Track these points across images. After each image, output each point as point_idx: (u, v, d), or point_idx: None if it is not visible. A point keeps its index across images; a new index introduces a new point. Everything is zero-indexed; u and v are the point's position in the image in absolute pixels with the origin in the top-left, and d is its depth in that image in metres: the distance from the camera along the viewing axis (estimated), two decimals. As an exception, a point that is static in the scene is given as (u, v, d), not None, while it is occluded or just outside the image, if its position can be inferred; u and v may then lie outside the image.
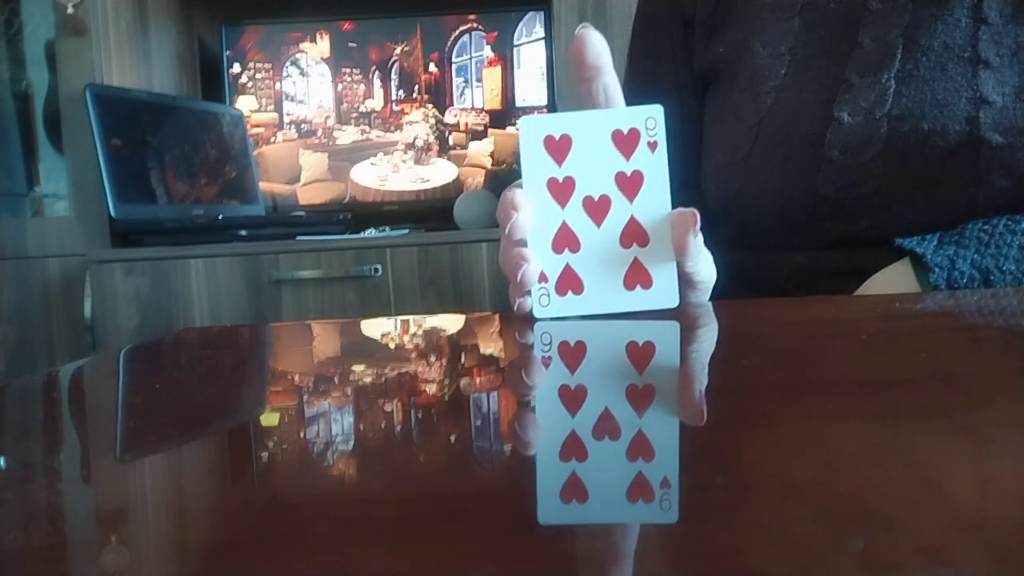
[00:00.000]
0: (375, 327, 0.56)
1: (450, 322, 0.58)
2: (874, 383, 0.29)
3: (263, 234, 1.54)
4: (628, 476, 0.20)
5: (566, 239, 0.45)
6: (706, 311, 0.47)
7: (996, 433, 0.23)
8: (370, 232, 1.57)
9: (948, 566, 0.15)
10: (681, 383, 0.32)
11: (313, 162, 1.82)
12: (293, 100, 1.83)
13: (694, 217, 0.43)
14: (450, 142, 1.82)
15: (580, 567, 0.16)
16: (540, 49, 1.79)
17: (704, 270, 0.47)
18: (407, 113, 1.82)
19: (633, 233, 0.44)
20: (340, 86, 1.82)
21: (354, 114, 1.82)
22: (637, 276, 0.44)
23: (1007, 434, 0.23)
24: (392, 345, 0.46)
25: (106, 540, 0.19)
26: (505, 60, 1.81)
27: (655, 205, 0.44)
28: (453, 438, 0.26)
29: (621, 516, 0.18)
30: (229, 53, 1.81)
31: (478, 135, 1.82)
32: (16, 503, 0.21)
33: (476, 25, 1.80)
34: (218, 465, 0.25)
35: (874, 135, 0.60)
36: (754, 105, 0.66)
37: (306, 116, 1.83)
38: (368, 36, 1.82)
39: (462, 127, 1.82)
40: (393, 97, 1.82)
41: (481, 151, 1.82)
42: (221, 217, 1.56)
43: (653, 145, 0.44)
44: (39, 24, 1.66)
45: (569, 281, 0.45)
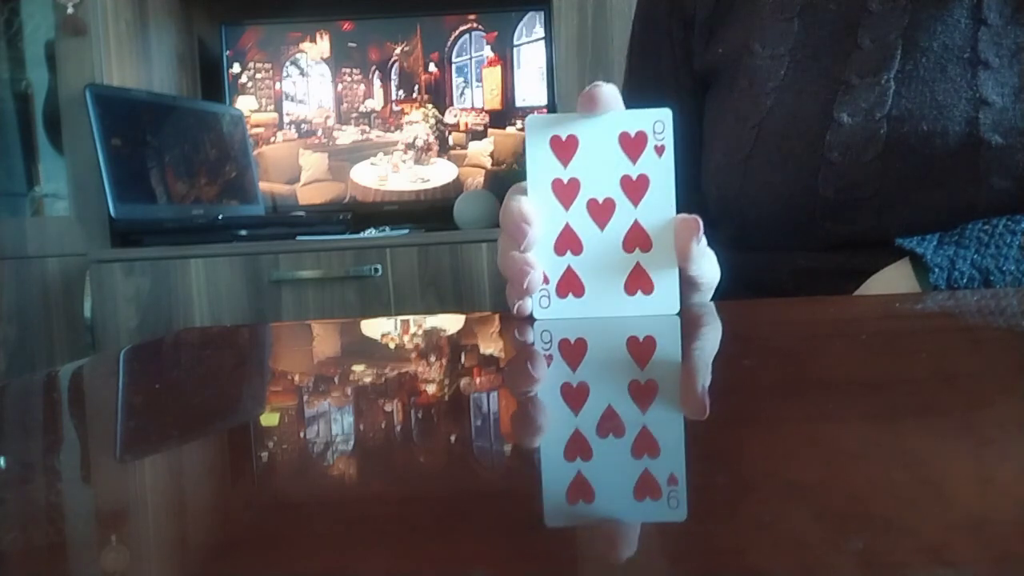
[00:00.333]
0: (375, 327, 0.56)
1: (450, 322, 0.58)
2: (874, 383, 0.29)
3: (263, 234, 1.54)
4: (632, 474, 0.20)
5: (569, 241, 0.44)
6: (708, 311, 0.47)
7: (996, 433, 0.23)
8: (370, 232, 1.57)
9: (948, 566, 0.15)
10: (683, 379, 0.32)
11: (313, 162, 1.82)
12: (293, 100, 1.83)
13: (697, 224, 0.43)
14: (450, 142, 1.82)
15: (582, 566, 0.16)
16: (540, 49, 1.79)
17: (708, 272, 0.47)
18: (407, 113, 1.82)
19: (636, 238, 0.44)
20: (340, 86, 1.82)
21: (354, 114, 1.82)
22: (638, 281, 0.44)
23: (1007, 434, 0.23)
24: (392, 345, 0.46)
25: (106, 540, 0.19)
26: (505, 60, 1.81)
27: (660, 210, 0.44)
28: (453, 438, 0.26)
29: (627, 514, 0.18)
30: (229, 53, 1.81)
31: (478, 135, 1.82)
32: (16, 503, 0.21)
33: (476, 25, 1.80)
34: (218, 465, 0.25)
35: (874, 136, 0.60)
36: (754, 106, 0.66)
37: (306, 116, 1.82)
38: (368, 36, 1.82)
39: (462, 127, 1.82)
40: (393, 97, 1.82)
41: (481, 151, 1.82)
42: (221, 217, 1.56)
43: (660, 149, 0.44)
44: (39, 24, 1.65)
45: (570, 284, 0.44)
